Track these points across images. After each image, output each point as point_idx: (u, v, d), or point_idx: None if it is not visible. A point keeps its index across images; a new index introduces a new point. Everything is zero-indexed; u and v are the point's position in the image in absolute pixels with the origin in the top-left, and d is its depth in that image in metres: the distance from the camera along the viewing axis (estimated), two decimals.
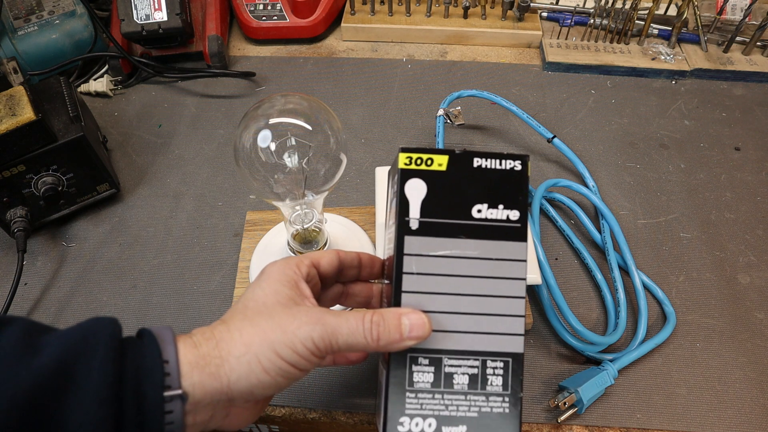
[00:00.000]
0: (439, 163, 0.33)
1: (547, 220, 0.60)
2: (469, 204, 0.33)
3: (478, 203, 0.33)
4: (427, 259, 0.33)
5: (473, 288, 0.33)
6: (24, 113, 0.51)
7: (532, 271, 0.45)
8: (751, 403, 0.47)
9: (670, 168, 0.65)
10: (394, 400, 0.32)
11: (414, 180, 0.33)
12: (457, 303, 0.33)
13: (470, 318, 0.33)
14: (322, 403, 0.47)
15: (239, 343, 0.31)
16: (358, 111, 0.72)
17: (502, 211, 0.33)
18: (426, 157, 0.33)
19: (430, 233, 0.33)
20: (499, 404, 0.33)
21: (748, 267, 0.56)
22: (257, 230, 0.57)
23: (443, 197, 0.33)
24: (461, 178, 0.33)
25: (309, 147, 0.43)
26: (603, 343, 0.48)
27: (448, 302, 0.33)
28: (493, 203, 0.33)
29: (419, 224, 0.33)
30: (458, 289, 0.33)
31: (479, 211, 0.33)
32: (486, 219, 0.33)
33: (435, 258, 0.33)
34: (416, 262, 0.33)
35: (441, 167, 0.33)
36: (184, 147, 0.68)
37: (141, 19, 0.70)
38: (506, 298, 0.33)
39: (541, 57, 0.79)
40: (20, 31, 0.71)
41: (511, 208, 0.33)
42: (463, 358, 0.33)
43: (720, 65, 0.75)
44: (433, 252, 0.33)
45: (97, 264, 0.57)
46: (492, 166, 0.33)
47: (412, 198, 0.33)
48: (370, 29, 0.81)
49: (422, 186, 0.33)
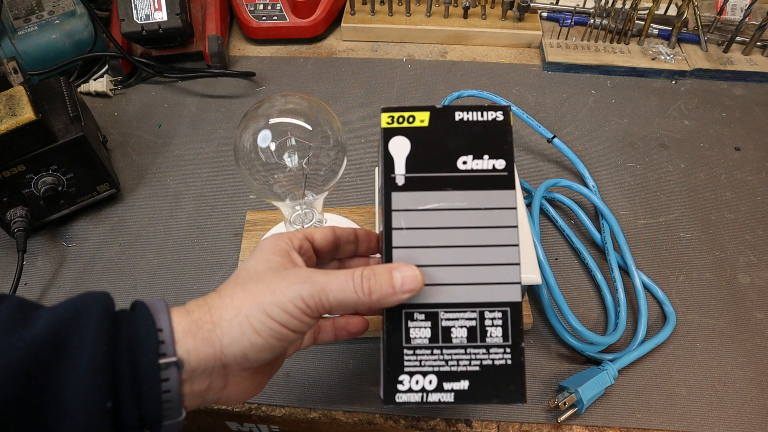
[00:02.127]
0: (420, 119, 0.33)
1: (547, 220, 0.60)
2: (454, 156, 0.33)
3: (463, 155, 0.33)
4: (415, 214, 0.33)
5: (464, 239, 0.33)
6: (24, 113, 0.51)
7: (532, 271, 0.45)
8: (751, 403, 0.47)
9: (670, 168, 0.65)
10: (391, 359, 0.32)
11: (397, 138, 0.33)
12: (449, 255, 0.33)
13: (464, 270, 0.32)
14: (322, 403, 0.47)
15: (230, 307, 0.31)
16: (358, 111, 0.72)
17: (488, 161, 0.33)
18: (408, 114, 0.34)
19: (416, 188, 0.33)
20: (501, 356, 0.32)
21: (748, 267, 0.56)
22: (257, 230, 0.57)
23: (427, 152, 0.33)
24: (444, 132, 0.33)
25: (309, 147, 0.43)
26: (603, 343, 0.48)
27: (440, 255, 0.33)
28: (478, 154, 0.33)
29: (405, 180, 0.33)
30: (449, 242, 0.33)
31: (464, 162, 0.33)
32: (472, 170, 0.33)
33: (423, 212, 0.33)
34: (405, 217, 0.33)
35: (423, 123, 0.33)
36: (184, 147, 0.68)
37: (141, 19, 0.70)
38: (499, 247, 0.33)
39: (541, 57, 0.79)
40: (20, 31, 0.71)
41: (497, 158, 0.33)
42: (459, 311, 0.32)
43: (720, 65, 0.75)
44: (421, 206, 0.33)
45: (97, 264, 0.57)
46: (474, 119, 0.33)
47: (397, 155, 0.33)
48: (370, 29, 0.81)
49: (405, 143, 0.33)
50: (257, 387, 0.35)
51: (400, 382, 0.32)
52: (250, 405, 0.47)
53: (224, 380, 0.32)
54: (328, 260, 0.39)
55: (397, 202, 0.33)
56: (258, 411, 0.47)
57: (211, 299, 0.32)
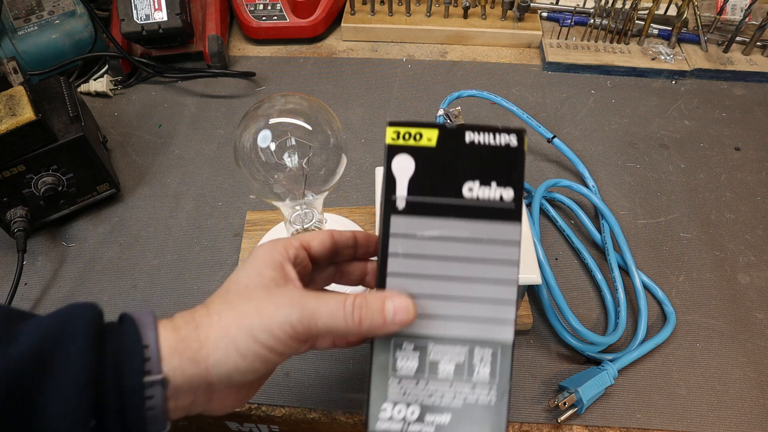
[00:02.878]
0: (428, 137, 0.31)
1: (547, 220, 0.60)
2: (459, 182, 0.31)
3: (469, 181, 0.31)
4: (414, 241, 0.31)
5: (462, 271, 0.31)
6: (24, 113, 0.51)
7: (532, 271, 0.45)
8: (751, 403, 0.47)
9: (670, 168, 0.65)
10: (377, 385, 0.31)
11: (401, 156, 0.31)
12: (445, 287, 0.31)
13: (458, 303, 0.31)
14: (322, 403, 0.47)
15: (217, 327, 0.30)
16: (358, 111, 0.72)
17: (495, 189, 0.31)
18: (415, 131, 0.31)
19: (417, 213, 0.31)
20: (486, 395, 0.31)
21: (748, 267, 0.56)
22: (257, 230, 0.57)
23: (432, 174, 0.31)
24: (452, 154, 0.31)
25: (309, 147, 0.43)
26: (603, 343, 0.48)
27: (435, 286, 0.31)
28: (486, 180, 0.31)
29: (406, 203, 0.31)
30: (446, 273, 0.31)
31: (470, 189, 0.31)
32: (478, 198, 0.31)
33: (423, 239, 0.31)
34: (403, 243, 0.31)
35: (430, 142, 0.31)
36: (184, 147, 0.68)
37: (141, 19, 0.70)
38: (497, 282, 0.31)
39: (541, 57, 0.79)
40: (20, 31, 0.71)
41: (505, 186, 0.31)
42: (449, 345, 0.31)
43: (720, 65, 0.75)
44: (420, 232, 0.31)
45: (97, 264, 0.57)
46: (485, 142, 0.31)
47: (399, 175, 0.31)
48: (370, 29, 0.81)
49: (410, 162, 0.31)
50: (243, 399, 0.34)
51: (383, 410, 0.31)
52: (250, 405, 0.47)
53: (209, 395, 0.32)
54: (326, 265, 0.38)
55: (396, 226, 0.31)
56: (258, 411, 0.47)
57: (199, 315, 0.31)
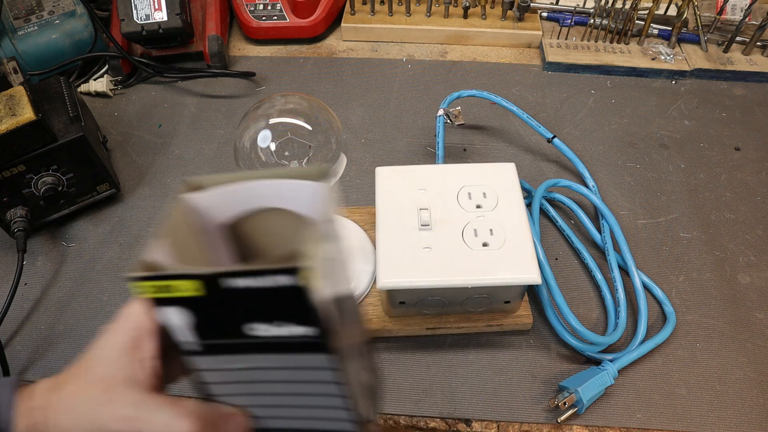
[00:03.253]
0: (190, 288, 0.25)
1: (547, 220, 0.60)
2: (248, 323, 0.26)
3: (256, 323, 0.26)
4: (227, 372, 0.29)
5: (284, 397, 0.29)
6: (24, 113, 0.51)
7: (532, 271, 0.45)
8: (751, 403, 0.47)
9: (670, 168, 0.65)
10: None
11: (169, 310, 0.26)
12: (273, 408, 0.30)
13: (292, 419, 0.30)
14: None
15: (64, 421, 0.29)
16: (358, 111, 0.72)
17: (291, 327, 0.26)
18: (168, 284, 0.25)
19: (218, 352, 0.28)
20: None
21: (748, 267, 0.56)
22: None
23: (215, 320, 0.26)
24: (227, 299, 0.25)
25: (309, 147, 0.43)
26: (603, 343, 0.48)
27: (264, 406, 0.30)
28: (275, 321, 0.26)
29: (203, 346, 0.27)
30: (271, 395, 0.29)
31: (263, 329, 0.26)
32: (272, 336, 0.26)
33: (235, 371, 0.28)
34: (217, 375, 0.29)
35: (198, 292, 0.25)
36: (184, 147, 0.68)
37: (141, 19, 0.70)
38: (322, 408, 0.29)
39: (541, 57, 0.79)
40: (20, 31, 0.71)
41: (300, 325, 0.25)
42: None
43: (720, 65, 0.75)
44: (230, 366, 0.28)
45: (97, 264, 0.57)
46: (257, 285, 0.24)
47: (179, 325, 0.27)
48: (370, 29, 0.81)
49: (183, 312, 0.26)
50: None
51: None
52: None
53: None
54: None
55: (203, 363, 0.28)
56: None
57: (53, 399, 0.30)
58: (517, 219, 0.48)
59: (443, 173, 0.52)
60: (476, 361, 0.50)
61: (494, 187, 0.51)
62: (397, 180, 0.51)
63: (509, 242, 0.47)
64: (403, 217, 0.48)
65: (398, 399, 0.47)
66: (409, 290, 0.46)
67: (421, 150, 0.67)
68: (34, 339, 0.52)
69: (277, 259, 0.24)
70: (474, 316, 0.50)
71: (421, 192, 0.50)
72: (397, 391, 0.48)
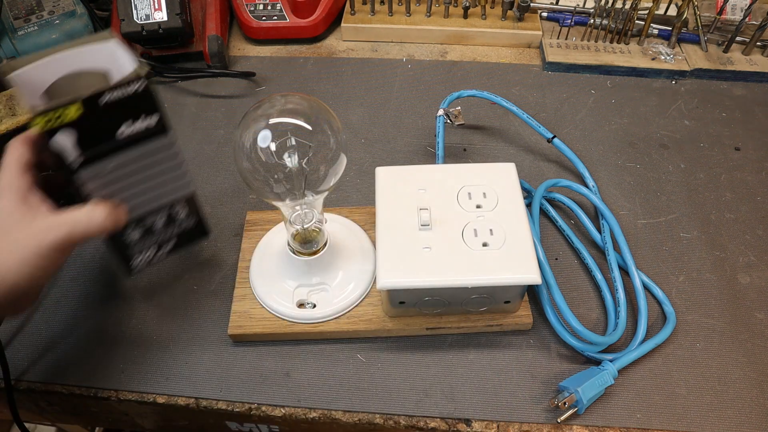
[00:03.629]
0: (74, 111, 0.38)
1: (547, 220, 0.60)
2: (115, 127, 0.40)
3: (123, 124, 0.40)
4: (103, 178, 0.41)
5: (150, 177, 0.44)
6: (24, 113, 0.51)
7: (532, 271, 0.45)
8: (751, 403, 0.47)
9: (670, 168, 0.65)
10: (122, 253, 0.47)
11: (59, 135, 0.38)
12: (143, 189, 0.44)
13: (152, 192, 0.45)
14: (322, 403, 0.47)
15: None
16: (358, 111, 0.72)
17: (144, 120, 0.41)
18: (59, 112, 0.37)
19: (95, 161, 0.40)
20: (189, 223, 0.49)
21: (748, 267, 0.56)
22: (257, 230, 0.57)
23: (93, 132, 0.39)
24: (100, 113, 0.39)
25: (309, 147, 0.43)
26: (603, 343, 0.48)
27: (135, 192, 0.44)
28: (135, 117, 0.40)
29: (85, 158, 0.40)
30: (140, 180, 0.43)
31: (122, 132, 0.40)
32: (133, 132, 0.41)
33: (108, 174, 0.41)
34: (96, 182, 0.41)
35: (79, 112, 0.38)
36: (184, 147, 0.68)
37: (141, 19, 0.70)
38: (170, 175, 0.45)
39: (541, 57, 0.79)
40: (20, 31, 0.71)
41: (149, 115, 0.41)
42: (156, 214, 0.46)
43: (720, 65, 0.75)
44: (104, 170, 0.41)
45: (97, 264, 0.57)
46: (121, 95, 0.39)
47: (66, 146, 0.39)
48: (370, 29, 0.81)
49: (70, 134, 0.38)
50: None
51: (132, 260, 0.48)
52: (250, 405, 0.48)
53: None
54: None
55: (85, 175, 0.40)
56: (258, 411, 0.47)
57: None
58: (517, 219, 0.48)
59: (443, 173, 0.52)
60: (476, 361, 0.50)
61: (494, 187, 0.51)
62: (397, 180, 0.51)
63: (509, 242, 0.47)
64: (403, 217, 0.48)
65: (398, 399, 0.47)
66: (409, 290, 0.46)
67: (421, 150, 0.67)
68: (34, 339, 0.52)
69: (127, 79, 0.39)
70: (474, 316, 0.50)
71: (421, 192, 0.50)
72: (397, 391, 0.48)
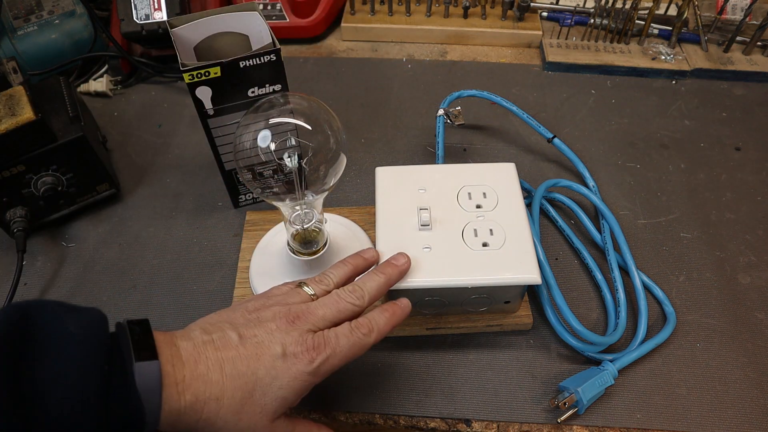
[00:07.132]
0: (214, 72, 0.47)
1: (547, 220, 0.60)
2: (245, 90, 0.49)
3: (251, 87, 0.49)
4: (226, 127, 0.51)
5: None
6: (24, 113, 0.51)
7: (532, 271, 0.45)
8: (751, 403, 0.47)
9: (670, 168, 0.65)
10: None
11: (200, 88, 0.47)
12: None
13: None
14: (322, 403, 0.47)
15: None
16: (358, 111, 0.72)
17: (269, 87, 0.50)
18: (203, 70, 0.47)
19: (222, 114, 0.50)
20: None
21: (748, 267, 0.56)
22: (257, 230, 0.57)
23: (225, 91, 0.48)
24: (234, 76, 0.48)
25: (309, 147, 0.43)
26: (603, 343, 0.48)
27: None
28: (261, 84, 0.49)
29: (214, 111, 0.50)
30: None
31: (253, 92, 0.50)
32: (259, 95, 0.50)
33: (230, 125, 0.51)
34: (219, 130, 0.51)
35: (217, 74, 0.47)
36: (184, 147, 0.68)
37: (141, 19, 0.70)
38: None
39: (541, 57, 0.79)
40: (20, 31, 0.71)
41: (274, 84, 0.50)
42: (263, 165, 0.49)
43: (720, 65, 0.75)
44: (228, 123, 0.50)
45: (97, 264, 0.57)
46: (255, 63, 0.47)
47: (203, 97, 0.48)
48: (370, 29, 0.81)
49: (207, 89, 0.48)
50: None
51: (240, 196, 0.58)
52: None
53: None
54: None
55: (212, 123, 0.51)
56: None
57: (211, 406, 0.34)
58: (517, 219, 0.48)
59: (443, 173, 0.52)
60: (476, 361, 0.50)
61: (494, 187, 0.51)
62: (397, 180, 0.51)
63: (509, 242, 0.47)
64: (403, 217, 0.48)
65: (398, 399, 0.47)
66: (409, 290, 0.46)
67: (421, 150, 0.67)
68: None
69: (264, 49, 0.47)
70: (474, 316, 0.50)
71: (421, 192, 0.50)
72: (397, 391, 0.48)
